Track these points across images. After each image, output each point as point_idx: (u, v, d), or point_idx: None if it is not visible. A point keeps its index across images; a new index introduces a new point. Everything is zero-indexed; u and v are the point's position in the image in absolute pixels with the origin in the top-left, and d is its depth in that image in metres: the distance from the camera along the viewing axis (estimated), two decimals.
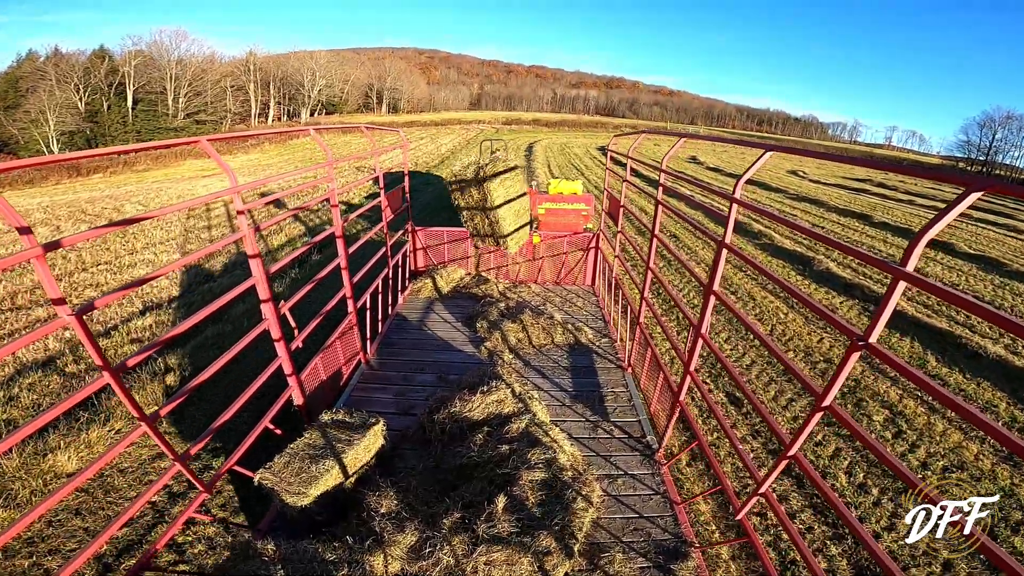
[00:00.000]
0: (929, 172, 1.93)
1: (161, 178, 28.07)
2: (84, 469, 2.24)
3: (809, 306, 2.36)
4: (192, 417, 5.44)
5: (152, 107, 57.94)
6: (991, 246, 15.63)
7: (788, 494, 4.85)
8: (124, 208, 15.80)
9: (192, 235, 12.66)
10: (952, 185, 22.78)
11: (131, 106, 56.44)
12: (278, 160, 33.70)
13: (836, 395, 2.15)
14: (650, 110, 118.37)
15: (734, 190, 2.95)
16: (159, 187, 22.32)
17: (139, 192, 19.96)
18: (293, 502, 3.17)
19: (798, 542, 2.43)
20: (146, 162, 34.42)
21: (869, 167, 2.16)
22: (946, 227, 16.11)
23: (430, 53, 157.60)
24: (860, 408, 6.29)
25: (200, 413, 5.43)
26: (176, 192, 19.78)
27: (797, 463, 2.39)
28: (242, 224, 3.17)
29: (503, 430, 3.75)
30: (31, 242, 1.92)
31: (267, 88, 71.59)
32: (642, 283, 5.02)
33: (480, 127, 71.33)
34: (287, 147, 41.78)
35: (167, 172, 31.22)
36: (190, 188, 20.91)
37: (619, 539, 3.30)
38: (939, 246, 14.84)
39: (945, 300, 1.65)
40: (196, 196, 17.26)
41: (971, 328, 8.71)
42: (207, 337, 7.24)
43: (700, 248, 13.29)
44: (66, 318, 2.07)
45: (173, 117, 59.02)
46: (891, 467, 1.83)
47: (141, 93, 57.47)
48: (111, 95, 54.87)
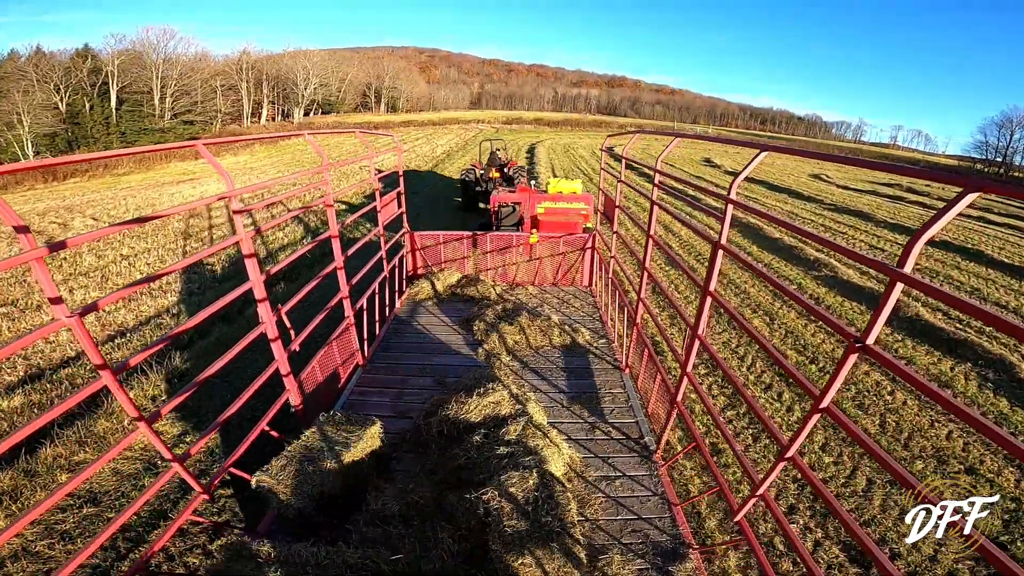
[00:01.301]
0: (927, 172, 1.94)
1: (136, 183, 26.73)
2: (81, 471, 2.23)
3: (805, 307, 2.36)
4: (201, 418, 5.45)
5: (138, 107, 55.82)
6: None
7: (788, 493, 4.86)
8: (73, 223, 14.07)
9: (190, 238, 12.64)
10: (950, 184, 22.55)
11: (115, 107, 54.36)
12: (267, 162, 33.11)
13: (833, 396, 2.16)
14: (652, 109, 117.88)
15: (729, 190, 2.96)
16: (127, 193, 21.18)
17: (100, 202, 18.57)
18: (291, 504, 3.16)
19: (796, 543, 2.43)
20: (128, 164, 32.39)
21: (868, 167, 2.17)
22: (975, 234, 16.17)
23: (430, 52, 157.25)
24: (866, 412, 6.29)
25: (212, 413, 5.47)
26: (142, 200, 18.33)
27: (795, 464, 2.40)
28: (239, 227, 3.18)
29: (500, 432, 3.74)
30: (30, 243, 1.92)
31: (260, 87, 70.23)
32: (639, 284, 5.03)
33: (479, 127, 69.57)
34: (277, 148, 41.15)
35: (148, 176, 30.04)
36: (156, 196, 19.37)
37: (617, 540, 3.30)
38: (970, 255, 14.09)
39: (943, 302, 1.65)
40: (157, 207, 16.37)
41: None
42: (216, 338, 7.30)
43: (704, 248, 13.32)
44: (65, 319, 2.06)
45: (159, 118, 57.18)
46: (889, 469, 1.83)
47: (126, 93, 55.48)
48: (94, 96, 52.57)
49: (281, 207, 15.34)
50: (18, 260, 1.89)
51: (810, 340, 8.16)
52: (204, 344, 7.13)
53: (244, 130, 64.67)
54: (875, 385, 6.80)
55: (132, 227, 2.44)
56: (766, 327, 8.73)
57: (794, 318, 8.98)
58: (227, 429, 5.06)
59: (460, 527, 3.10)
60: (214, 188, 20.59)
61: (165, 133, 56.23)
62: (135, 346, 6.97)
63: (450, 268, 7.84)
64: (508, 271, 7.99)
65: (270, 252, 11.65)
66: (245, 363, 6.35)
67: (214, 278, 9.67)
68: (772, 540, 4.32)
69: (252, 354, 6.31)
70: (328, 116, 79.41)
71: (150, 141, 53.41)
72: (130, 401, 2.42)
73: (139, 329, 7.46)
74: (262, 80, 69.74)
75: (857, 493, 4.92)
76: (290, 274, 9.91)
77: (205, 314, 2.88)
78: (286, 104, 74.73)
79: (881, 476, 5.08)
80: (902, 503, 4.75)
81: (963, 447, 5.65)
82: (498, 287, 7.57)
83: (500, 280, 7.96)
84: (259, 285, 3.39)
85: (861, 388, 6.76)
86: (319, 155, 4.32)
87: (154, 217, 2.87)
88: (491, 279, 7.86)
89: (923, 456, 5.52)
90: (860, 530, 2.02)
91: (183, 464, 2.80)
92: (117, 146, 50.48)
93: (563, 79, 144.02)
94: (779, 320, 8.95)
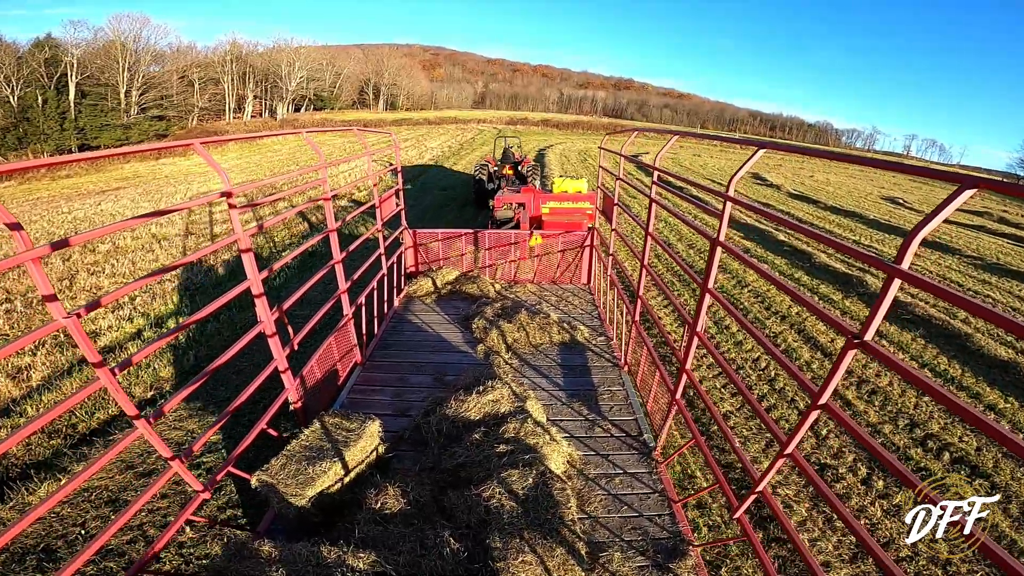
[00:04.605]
0: (926, 172, 1.94)
1: (71, 188, 24.07)
2: (81, 472, 2.23)
3: (804, 304, 2.36)
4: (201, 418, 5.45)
5: (102, 100, 49.73)
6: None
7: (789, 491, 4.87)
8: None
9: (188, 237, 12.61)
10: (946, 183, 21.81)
11: (73, 100, 48.25)
12: (243, 162, 30.93)
13: (831, 393, 2.16)
14: (660, 113, 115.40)
15: (728, 187, 2.96)
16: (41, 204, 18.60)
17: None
18: (290, 504, 3.16)
19: (796, 539, 2.44)
20: (77, 166, 28.59)
21: (867, 166, 2.17)
22: (996, 247, 15.78)
23: (435, 50, 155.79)
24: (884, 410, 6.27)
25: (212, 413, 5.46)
26: (50, 218, 14.72)
27: (794, 461, 2.40)
28: (236, 226, 3.17)
29: (500, 430, 3.75)
30: (26, 243, 1.91)
31: (245, 81, 64.90)
32: (637, 281, 5.03)
33: (479, 127, 63.62)
34: (251, 147, 38.12)
35: (98, 178, 26.90)
36: (79, 207, 16.55)
37: (618, 537, 3.30)
38: (1004, 273, 13.15)
39: (941, 298, 1.66)
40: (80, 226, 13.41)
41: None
42: (225, 338, 7.32)
43: (705, 246, 13.33)
44: (62, 320, 2.06)
45: (124, 112, 51.06)
46: (890, 467, 1.84)
47: (88, 85, 49.34)
48: (51, 89, 46.68)
49: (280, 205, 15.31)
50: (16, 261, 1.88)
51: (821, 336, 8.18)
52: (203, 345, 7.13)
53: (226, 127, 59.28)
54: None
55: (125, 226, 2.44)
56: (771, 323, 8.75)
57: (798, 311, 9.02)
58: (227, 428, 5.07)
59: (460, 525, 3.11)
60: (125, 203, 17.35)
61: (128, 129, 50.70)
62: (134, 348, 6.96)
63: (449, 266, 7.84)
64: (507, 269, 7.99)
65: (269, 251, 11.63)
66: (246, 363, 6.36)
67: (212, 278, 9.66)
68: (773, 537, 4.34)
69: (252, 353, 6.34)
70: (319, 113, 74.26)
71: (112, 138, 48.87)
72: (128, 401, 2.41)
73: (136, 330, 7.45)
74: (247, 73, 64.76)
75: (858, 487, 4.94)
76: (289, 273, 9.90)
77: (202, 314, 2.87)
78: (273, 99, 69.46)
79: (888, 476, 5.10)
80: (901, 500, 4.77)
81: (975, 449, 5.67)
82: (497, 285, 7.57)
83: (499, 278, 7.96)
84: (257, 283, 3.39)
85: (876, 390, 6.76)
86: (317, 154, 4.31)
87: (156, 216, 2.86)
88: (490, 277, 7.85)
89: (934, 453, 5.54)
90: (859, 525, 2.03)
91: (183, 464, 2.80)
92: (72, 143, 46.77)
93: (569, 80, 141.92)
94: (783, 315, 8.98)
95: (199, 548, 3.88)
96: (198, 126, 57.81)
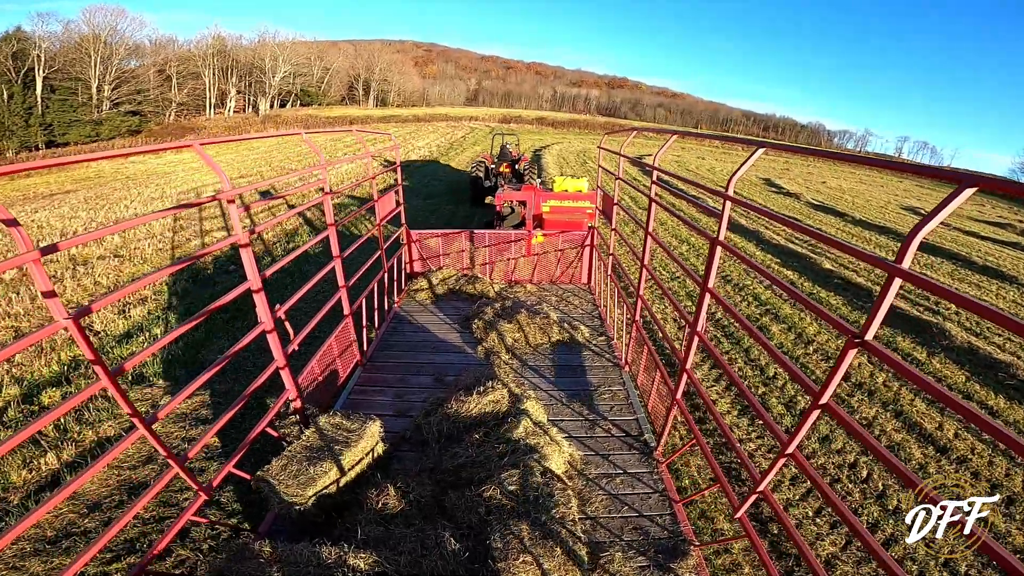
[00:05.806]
0: (927, 170, 1.94)
1: (22, 191, 22.20)
2: (81, 473, 2.23)
3: (805, 303, 2.37)
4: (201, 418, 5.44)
5: (72, 95, 47.36)
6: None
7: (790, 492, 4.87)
8: None
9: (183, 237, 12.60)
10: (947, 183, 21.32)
11: (40, 95, 45.61)
12: (221, 159, 28.08)
13: (832, 393, 2.16)
14: (654, 112, 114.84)
15: (727, 187, 2.96)
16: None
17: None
18: (291, 504, 3.16)
19: (797, 539, 2.43)
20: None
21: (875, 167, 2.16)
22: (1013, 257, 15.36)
23: (428, 47, 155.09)
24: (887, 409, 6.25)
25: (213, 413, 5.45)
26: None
27: (795, 461, 2.40)
28: (236, 226, 3.16)
29: (500, 430, 3.74)
30: (26, 245, 1.91)
31: (227, 75, 61.94)
32: (637, 280, 5.02)
33: (471, 124, 61.26)
34: (225, 145, 34.30)
35: (55, 179, 25.06)
36: (16, 213, 14.33)
37: (619, 537, 3.30)
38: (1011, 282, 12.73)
39: (940, 297, 1.66)
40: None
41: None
42: (225, 340, 7.30)
43: (705, 247, 13.33)
44: (62, 321, 2.06)
45: (95, 107, 48.58)
46: (891, 466, 1.84)
47: (58, 80, 46.91)
48: (17, 83, 44.21)
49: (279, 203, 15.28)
50: (14, 262, 1.88)
51: (819, 336, 8.18)
52: (204, 343, 7.12)
53: (205, 123, 55.55)
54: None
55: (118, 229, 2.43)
56: (771, 323, 8.75)
57: (798, 311, 9.03)
58: (227, 429, 5.07)
59: (461, 525, 3.11)
60: (64, 211, 15.20)
61: (99, 125, 48.40)
62: (134, 348, 6.96)
63: (448, 267, 7.83)
64: (507, 269, 7.98)
65: (269, 251, 11.62)
66: (246, 363, 6.36)
67: (210, 278, 9.65)
68: (774, 536, 4.34)
69: (253, 354, 6.34)
70: (304, 109, 70.97)
71: (80, 134, 46.85)
72: (128, 402, 2.41)
73: (135, 333, 7.45)
74: (231, 67, 62.12)
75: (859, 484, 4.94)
76: (288, 273, 9.89)
77: (201, 316, 2.87)
78: (256, 95, 66.74)
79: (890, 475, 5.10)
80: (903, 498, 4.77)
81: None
82: (497, 285, 7.56)
83: (499, 278, 7.95)
84: (256, 285, 3.38)
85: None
86: (317, 155, 4.31)
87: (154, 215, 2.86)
88: (490, 277, 7.85)
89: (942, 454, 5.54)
90: (860, 524, 2.03)
91: (183, 465, 2.80)
92: (39, 140, 44.44)
93: (563, 78, 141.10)
94: (783, 315, 8.98)
95: (200, 549, 3.87)
96: (175, 122, 54.93)
